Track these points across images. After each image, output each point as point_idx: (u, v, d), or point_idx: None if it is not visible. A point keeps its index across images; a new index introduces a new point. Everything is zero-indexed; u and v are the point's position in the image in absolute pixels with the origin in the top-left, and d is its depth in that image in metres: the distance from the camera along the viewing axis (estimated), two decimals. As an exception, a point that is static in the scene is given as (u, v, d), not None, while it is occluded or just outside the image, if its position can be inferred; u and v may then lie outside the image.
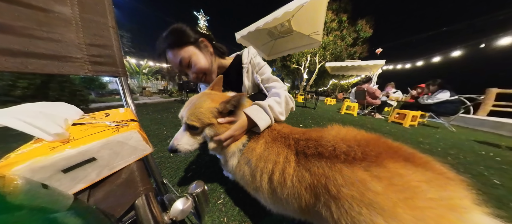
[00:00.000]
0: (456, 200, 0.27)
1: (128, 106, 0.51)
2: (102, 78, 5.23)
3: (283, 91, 0.70)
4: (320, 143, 0.41)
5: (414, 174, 0.29)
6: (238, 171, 0.54)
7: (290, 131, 0.53)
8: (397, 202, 0.27)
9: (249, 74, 0.80)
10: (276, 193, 0.45)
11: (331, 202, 0.33)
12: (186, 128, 0.53)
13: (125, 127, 0.34)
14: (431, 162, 0.33)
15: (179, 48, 0.67)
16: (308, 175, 0.39)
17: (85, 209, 0.22)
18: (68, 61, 0.40)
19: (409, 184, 0.28)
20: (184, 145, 0.51)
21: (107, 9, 0.45)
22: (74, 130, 0.32)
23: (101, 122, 0.37)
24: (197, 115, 0.50)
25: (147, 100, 4.94)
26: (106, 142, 0.29)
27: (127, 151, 0.32)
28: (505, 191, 0.96)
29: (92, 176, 0.28)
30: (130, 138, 0.32)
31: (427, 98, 3.25)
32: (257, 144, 0.52)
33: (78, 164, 0.26)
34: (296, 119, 2.87)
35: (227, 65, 0.87)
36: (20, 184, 0.19)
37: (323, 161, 0.37)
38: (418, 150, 0.36)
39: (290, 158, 0.44)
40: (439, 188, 0.28)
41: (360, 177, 0.31)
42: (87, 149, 0.27)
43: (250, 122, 0.54)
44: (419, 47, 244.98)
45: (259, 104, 0.59)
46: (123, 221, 0.28)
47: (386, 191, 0.28)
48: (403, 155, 0.33)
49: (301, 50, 4.27)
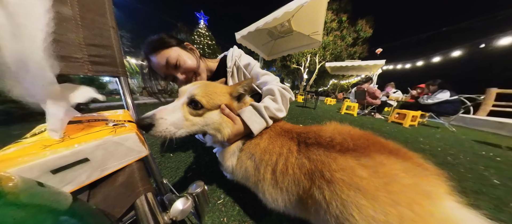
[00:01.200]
0: (428, 187, 0.31)
1: (128, 106, 0.51)
2: (102, 78, 5.22)
3: (275, 85, 0.66)
4: (319, 135, 0.46)
5: (395, 164, 0.34)
6: (239, 167, 0.54)
7: (292, 127, 0.57)
8: (378, 187, 0.31)
9: (234, 78, 0.77)
10: (277, 182, 0.47)
11: (324, 185, 0.37)
12: (188, 103, 0.46)
13: (123, 128, 0.33)
14: (413, 157, 0.37)
15: (165, 49, 0.65)
16: (307, 161, 0.42)
17: (85, 209, 0.22)
18: (68, 61, 0.40)
19: (390, 172, 0.32)
20: (169, 123, 0.40)
21: (107, 9, 0.45)
22: (70, 128, 0.31)
23: (100, 121, 0.36)
24: (210, 94, 0.46)
25: (147, 100, 4.94)
26: (102, 142, 0.28)
27: (122, 153, 0.31)
28: (505, 191, 0.96)
29: (81, 178, 0.27)
30: (127, 139, 0.31)
31: (427, 98, 3.26)
32: (261, 139, 0.54)
33: (69, 165, 0.25)
34: (296, 119, 2.87)
35: (214, 68, 0.84)
36: (19, 183, 0.19)
37: (321, 149, 0.42)
38: (418, 150, 0.37)
39: (292, 148, 0.48)
40: (414, 177, 0.32)
41: (350, 164, 0.35)
42: (81, 149, 0.26)
43: (246, 127, 0.54)
44: (419, 47, 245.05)
45: (254, 106, 0.57)
46: (123, 221, 0.28)
47: (370, 177, 0.32)
48: (388, 148, 0.38)
49: (301, 50, 4.27)
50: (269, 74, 0.75)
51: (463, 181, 1.05)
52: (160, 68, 0.67)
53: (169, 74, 0.69)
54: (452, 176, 1.13)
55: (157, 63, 0.65)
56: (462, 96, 3.24)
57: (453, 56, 11.81)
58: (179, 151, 1.25)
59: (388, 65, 11.90)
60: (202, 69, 0.75)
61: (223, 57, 0.85)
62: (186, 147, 1.33)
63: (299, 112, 3.82)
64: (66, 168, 0.25)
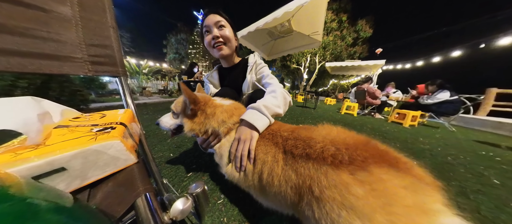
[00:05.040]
0: (429, 204, 0.29)
1: (128, 106, 0.51)
2: (102, 78, 5.21)
3: (279, 88, 0.74)
4: (309, 144, 0.41)
5: (395, 179, 0.30)
6: (230, 173, 0.53)
7: (278, 128, 0.52)
8: (376, 208, 0.28)
9: (252, 72, 0.93)
10: (265, 191, 0.45)
11: (313, 202, 0.34)
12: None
13: (106, 135, 0.30)
14: (413, 168, 0.34)
15: (222, 17, 0.85)
16: (294, 175, 0.39)
17: (85, 209, 0.22)
18: (68, 61, 0.40)
19: (389, 190, 0.29)
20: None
21: (107, 9, 0.45)
22: (55, 133, 0.30)
23: (85, 126, 0.34)
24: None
25: (147, 100, 4.94)
26: (79, 152, 0.26)
27: (105, 162, 0.29)
28: (505, 191, 0.96)
29: (60, 188, 0.25)
30: (110, 147, 0.29)
31: (427, 98, 3.25)
32: None
33: (45, 174, 0.24)
34: (296, 119, 2.86)
35: (236, 62, 1.03)
36: (21, 180, 0.19)
37: (310, 162, 0.37)
38: (418, 150, 0.36)
39: (278, 157, 0.44)
40: (414, 194, 0.29)
41: (344, 181, 0.32)
42: (54, 159, 0.24)
43: (250, 127, 0.53)
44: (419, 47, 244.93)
45: (253, 107, 0.59)
46: (123, 221, 0.28)
47: (367, 195, 0.29)
48: (388, 160, 0.34)
49: (301, 50, 4.27)
50: (276, 79, 0.86)
51: (463, 181, 1.04)
52: (209, 22, 0.84)
53: (210, 29, 0.85)
54: (452, 176, 1.14)
55: (209, 18, 0.84)
56: (462, 96, 3.24)
57: (453, 56, 11.81)
58: (179, 151, 1.25)
59: (388, 65, 11.90)
60: (231, 48, 0.92)
61: (243, 58, 1.04)
62: (186, 147, 1.33)
63: (299, 112, 3.81)
64: (41, 177, 0.23)
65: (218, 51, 0.88)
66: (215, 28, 0.84)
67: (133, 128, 0.41)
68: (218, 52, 0.88)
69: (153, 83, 8.90)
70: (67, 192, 0.22)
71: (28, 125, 0.27)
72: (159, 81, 9.51)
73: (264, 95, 0.70)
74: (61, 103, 0.40)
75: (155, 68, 8.77)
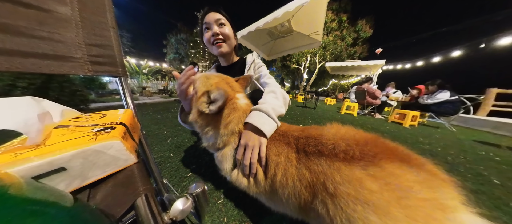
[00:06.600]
0: (445, 200, 0.28)
1: (128, 106, 0.50)
2: (102, 78, 5.23)
3: (277, 87, 0.74)
4: (320, 141, 0.40)
5: (408, 174, 0.30)
6: (236, 179, 0.51)
7: (288, 128, 0.51)
8: (391, 201, 0.28)
9: (250, 71, 0.94)
10: (277, 194, 0.44)
11: (328, 199, 0.33)
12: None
13: (106, 135, 0.30)
14: (426, 164, 0.33)
15: (223, 15, 0.85)
16: (308, 173, 0.39)
17: (85, 209, 0.22)
18: (68, 61, 0.40)
19: (403, 184, 0.29)
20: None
21: (107, 9, 0.45)
22: (55, 133, 0.30)
23: (85, 126, 0.34)
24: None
25: (147, 100, 4.94)
26: (79, 152, 0.26)
27: (105, 162, 0.29)
28: (505, 191, 0.96)
29: (60, 187, 0.25)
30: (110, 147, 0.29)
31: (427, 98, 3.25)
32: None
33: (45, 173, 0.24)
34: (296, 119, 2.86)
35: (234, 60, 1.04)
36: (21, 180, 0.19)
37: (323, 159, 0.37)
38: (418, 150, 0.36)
39: (291, 156, 0.43)
40: (430, 189, 0.29)
41: (357, 176, 0.31)
42: (54, 159, 0.24)
43: (257, 132, 0.49)
44: (419, 47, 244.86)
45: (259, 109, 0.54)
46: (123, 221, 0.28)
47: (381, 190, 0.29)
48: (399, 155, 0.34)
49: (301, 50, 4.27)
50: (273, 78, 0.87)
51: (463, 181, 1.05)
52: (210, 20, 0.84)
53: (210, 26, 0.85)
54: (452, 176, 1.13)
55: (210, 16, 0.84)
56: (462, 96, 3.24)
57: (453, 56, 11.81)
58: (179, 151, 1.25)
59: (388, 65, 11.89)
60: (231, 46, 0.92)
61: (241, 58, 1.04)
62: (186, 147, 1.33)
63: (299, 112, 3.82)
64: (41, 177, 0.24)
65: (217, 48, 0.88)
66: (215, 25, 0.85)
67: (133, 128, 0.41)
68: (217, 49, 0.88)
69: (153, 83, 8.92)
70: (67, 192, 0.22)
71: (28, 125, 0.27)
72: (159, 81, 9.52)
73: (263, 95, 0.68)
74: (61, 103, 0.40)
75: (155, 68, 8.78)
